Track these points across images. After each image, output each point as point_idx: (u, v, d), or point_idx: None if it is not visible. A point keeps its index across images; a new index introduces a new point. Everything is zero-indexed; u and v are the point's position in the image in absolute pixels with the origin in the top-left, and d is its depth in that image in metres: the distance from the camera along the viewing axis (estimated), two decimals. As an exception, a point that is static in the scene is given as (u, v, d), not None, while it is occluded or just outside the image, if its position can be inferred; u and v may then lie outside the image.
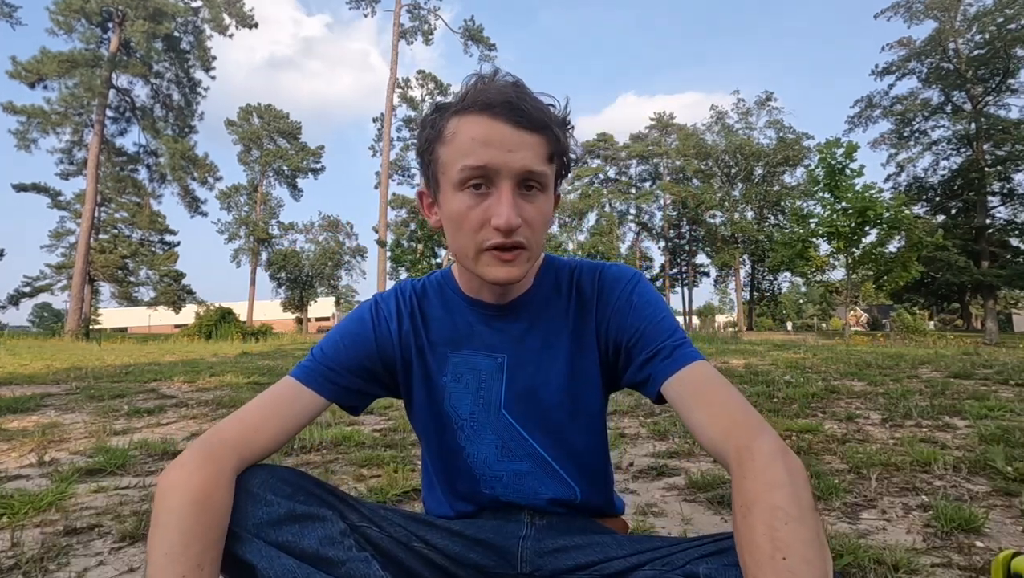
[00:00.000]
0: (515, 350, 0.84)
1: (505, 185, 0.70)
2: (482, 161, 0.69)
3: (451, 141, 0.72)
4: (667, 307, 0.83)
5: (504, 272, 0.73)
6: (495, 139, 0.69)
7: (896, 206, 17.88)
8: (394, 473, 2.15)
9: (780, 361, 7.36)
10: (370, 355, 0.84)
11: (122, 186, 32.47)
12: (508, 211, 0.69)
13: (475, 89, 0.72)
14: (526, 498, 0.85)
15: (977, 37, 26.51)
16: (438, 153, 0.74)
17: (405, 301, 0.88)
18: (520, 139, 0.70)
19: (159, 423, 3.37)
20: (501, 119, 0.70)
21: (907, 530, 1.60)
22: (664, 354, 0.76)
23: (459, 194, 0.72)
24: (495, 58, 34.51)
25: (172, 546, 0.60)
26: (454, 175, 0.72)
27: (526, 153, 0.70)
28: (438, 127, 0.74)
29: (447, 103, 0.75)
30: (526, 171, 0.71)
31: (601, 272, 0.87)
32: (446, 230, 0.77)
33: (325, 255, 39.82)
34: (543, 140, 0.72)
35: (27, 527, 1.61)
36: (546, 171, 0.73)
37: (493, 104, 0.70)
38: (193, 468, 0.67)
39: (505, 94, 0.70)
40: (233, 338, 18.01)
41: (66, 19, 26.32)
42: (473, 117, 0.71)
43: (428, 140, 0.76)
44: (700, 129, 42.67)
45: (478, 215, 0.71)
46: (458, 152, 0.71)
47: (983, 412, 3.32)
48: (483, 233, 0.71)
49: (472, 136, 0.70)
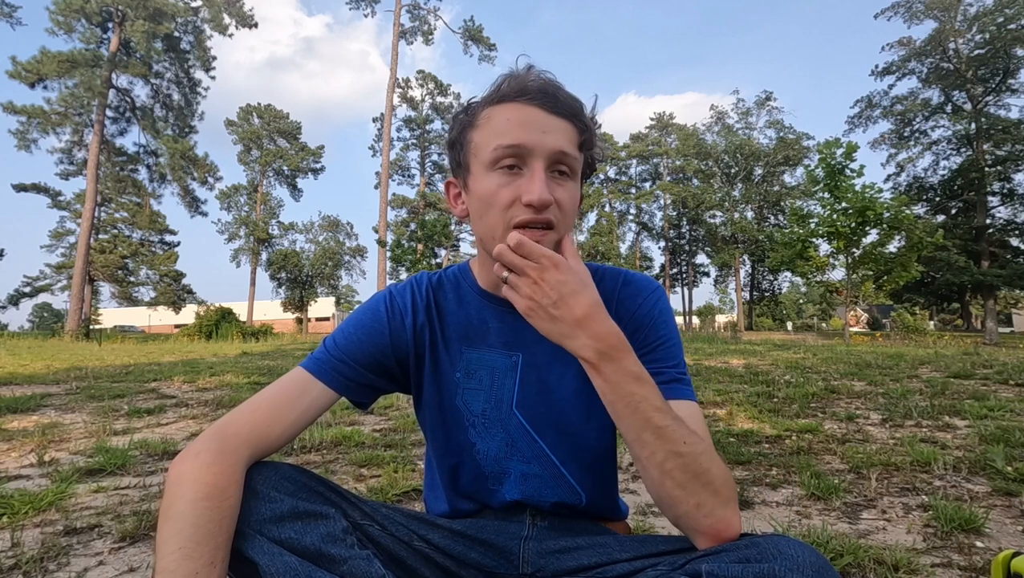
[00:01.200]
0: (531, 349, 0.84)
1: (538, 164, 0.71)
2: (517, 140, 0.70)
3: (485, 125, 0.74)
4: (677, 329, 0.85)
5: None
6: (530, 121, 0.71)
7: (897, 206, 17.86)
8: (394, 473, 2.15)
9: (780, 361, 7.36)
10: (383, 349, 0.83)
11: (122, 186, 32.47)
12: (541, 187, 0.69)
13: (509, 81, 0.75)
14: (531, 499, 0.85)
15: (977, 37, 26.51)
16: (470, 137, 0.76)
17: (421, 294, 0.87)
18: (554, 123, 0.72)
19: (159, 423, 3.37)
20: (536, 104, 0.72)
21: (907, 530, 1.61)
22: (663, 379, 0.77)
23: (491, 174, 0.73)
24: (495, 58, 34.52)
25: (186, 541, 0.60)
26: (487, 155, 0.72)
27: (559, 136, 0.72)
28: (471, 115, 0.76)
29: (480, 98, 0.77)
30: (559, 152, 0.72)
31: (625, 278, 0.87)
32: (473, 214, 0.77)
33: (325, 255, 39.77)
34: (574, 127, 0.74)
35: (27, 527, 1.61)
36: (576, 156, 0.74)
37: (528, 91, 0.72)
38: (208, 460, 0.67)
39: (540, 83, 0.73)
40: (233, 338, 18.03)
41: (66, 19, 26.32)
42: (508, 104, 0.73)
43: (461, 127, 0.77)
44: (700, 129, 42.72)
45: (509, 193, 0.71)
46: (492, 133, 0.72)
47: (983, 412, 3.32)
48: (513, 210, 0.71)
49: (507, 117, 0.72)
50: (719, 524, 0.64)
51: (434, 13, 33.83)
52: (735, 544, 0.62)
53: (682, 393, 0.77)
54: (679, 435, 0.65)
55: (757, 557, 0.57)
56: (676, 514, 0.66)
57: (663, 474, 0.65)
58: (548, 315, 0.66)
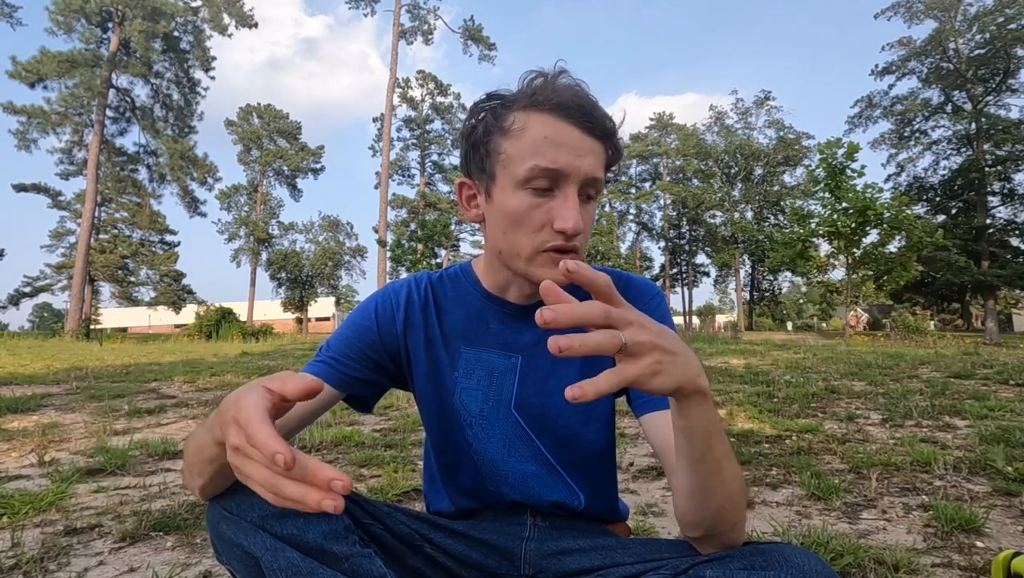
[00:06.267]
0: (531, 352, 0.84)
1: (571, 189, 0.70)
2: (555, 164, 0.68)
3: (519, 136, 0.71)
4: (678, 333, 0.84)
5: (557, 274, 0.73)
6: (567, 142, 0.69)
7: (897, 206, 17.87)
8: (394, 473, 2.15)
9: (780, 361, 7.36)
10: (373, 344, 0.84)
11: (122, 186, 32.48)
12: (576, 216, 0.69)
13: (543, 87, 0.71)
14: (530, 499, 0.85)
15: (977, 37, 26.49)
16: (500, 145, 0.72)
17: (419, 291, 0.88)
18: (588, 145, 0.70)
19: (159, 423, 3.37)
20: (573, 122, 0.69)
21: (907, 530, 1.61)
22: None
23: (520, 192, 0.71)
24: (495, 58, 34.52)
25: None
26: (520, 172, 0.70)
27: (592, 160, 0.70)
28: (500, 117, 0.72)
29: (507, 94, 0.74)
30: (591, 177, 0.70)
31: (626, 282, 0.87)
32: (494, 225, 0.75)
33: (325, 255, 39.78)
34: (606, 149, 0.72)
35: (27, 527, 1.61)
36: (603, 179, 0.74)
37: (565, 105, 0.69)
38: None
39: (578, 97, 0.70)
40: (233, 338, 18.05)
41: (66, 19, 26.33)
42: (544, 116, 0.70)
43: (486, 130, 0.73)
44: (700, 129, 42.71)
45: (540, 216, 0.70)
46: (527, 149, 0.70)
47: (983, 412, 3.32)
48: (543, 234, 0.71)
49: (545, 135, 0.69)
50: (740, 538, 0.65)
51: (434, 13, 33.84)
52: (739, 551, 0.62)
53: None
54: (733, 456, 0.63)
55: (763, 565, 0.57)
56: (721, 531, 0.63)
57: (727, 496, 0.60)
58: (678, 360, 0.50)
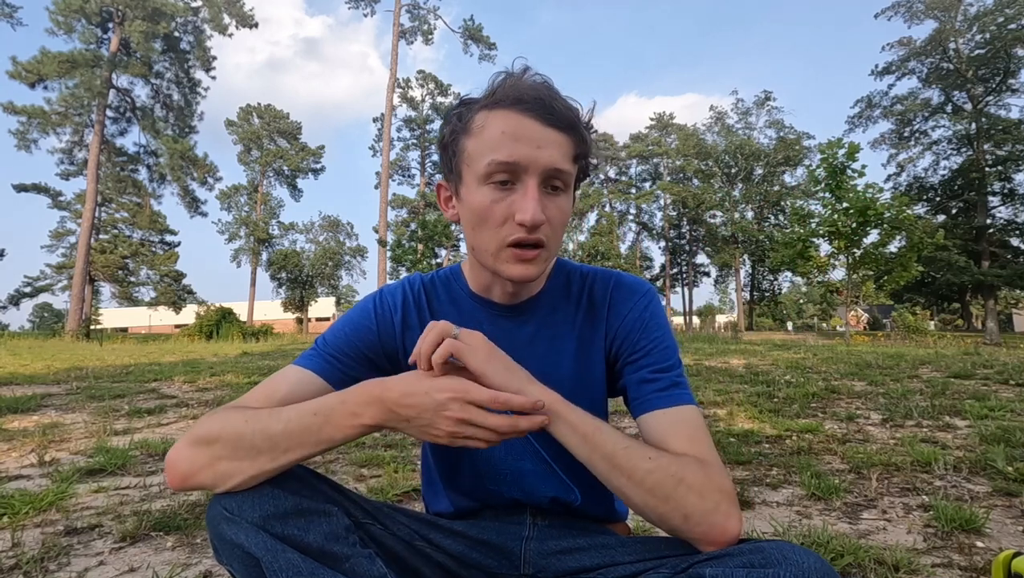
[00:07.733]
0: (521, 351, 0.83)
1: (531, 181, 0.70)
2: (511, 157, 0.69)
3: (479, 134, 0.72)
4: (672, 331, 0.84)
5: (521, 270, 0.73)
6: (524, 134, 0.69)
7: (897, 206, 17.85)
8: (394, 473, 2.15)
9: (780, 361, 7.36)
10: (372, 344, 0.84)
11: (122, 186, 32.47)
12: (534, 206, 0.69)
13: (505, 85, 0.72)
14: (528, 496, 0.85)
15: (977, 37, 26.51)
16: (464, 145, 0.74)
17: (413, 293, 0.88)
18: (549, 136, 0.70)
19: (159, 423, 3.37)
20: (531, 115, 0.70)
21: (907, 530, 1.61)
22: (659, 386, 0.77)
23: (483, 188, 0.72)
24: (495, 57, 34.50)
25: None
26: (480, 168, 0.71)
27: (554, 151, 0.71)
28: (465, 119, 0.74)
29: (474, 98, 0.75)
30: (553, 168, 0.71)
31: (616, 281, 0.87)
32: (465, 224, 0.76)
33: (325, 255, 39.82)
34: (570, 139, 0.72)
35: (27, 527, 1.61)
36: (570, 171, 0.73)
37: (524, 99, 0.70)
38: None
39: (536, 91, 0.71)
40: (233, 338, 18.04)
41: (66, 19, 26.32)
42: (503, 111, 0.71)
43: (453, 132, 0.75)
44: (700, 129, 42.71)
45: (502, 210, 0.71)
46: (486, 145, 0.71)
47: (983, 412, 3.32)
48: (506, 228, 0.71)
49: (502, 130, 0.70)
50: (713, 530, 0.65)
51: (434, 13, 33.83)
52: (739, 548, 0.62)
53: (679, 398, 0.76)
54: (642, 453, 0.67)
55: (762, 562, 0.57)
56: (669, 529, 0.68)
57: (647, 490, 0.66)
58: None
